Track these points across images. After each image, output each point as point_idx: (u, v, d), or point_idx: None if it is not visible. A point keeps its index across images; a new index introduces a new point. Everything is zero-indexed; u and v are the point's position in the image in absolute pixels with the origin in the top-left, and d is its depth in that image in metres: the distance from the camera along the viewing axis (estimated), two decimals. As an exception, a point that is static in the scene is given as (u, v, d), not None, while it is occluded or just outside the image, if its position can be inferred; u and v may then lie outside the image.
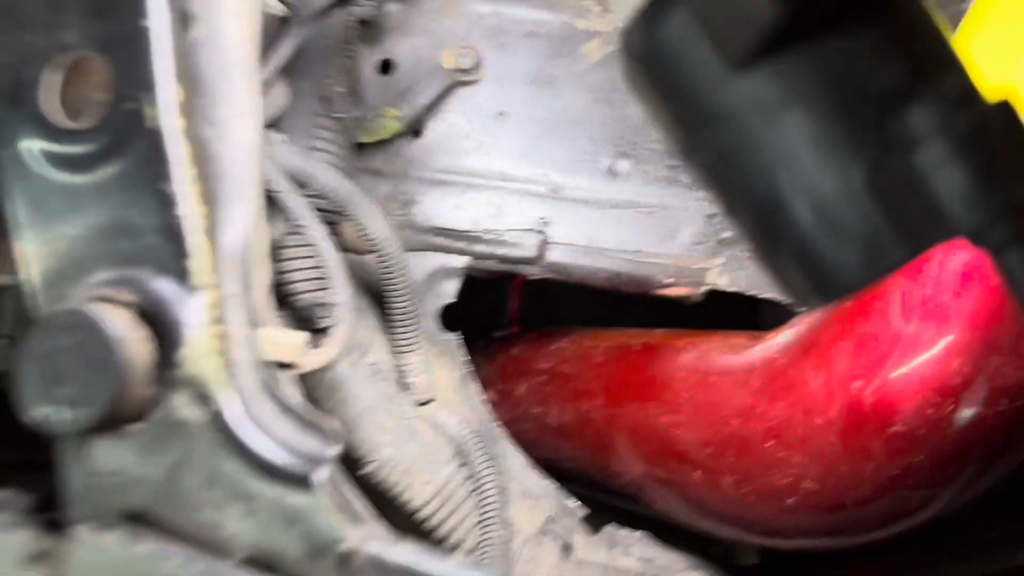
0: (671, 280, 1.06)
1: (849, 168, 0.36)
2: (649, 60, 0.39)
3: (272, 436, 0.55)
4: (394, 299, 0.99)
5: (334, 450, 0.55)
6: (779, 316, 0.93)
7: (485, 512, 0.95)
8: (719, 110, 0.37)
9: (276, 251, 0.95)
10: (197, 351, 0.57)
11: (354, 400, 0.97)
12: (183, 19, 0.60)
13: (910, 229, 0.35)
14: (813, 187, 0.36)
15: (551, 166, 1.07)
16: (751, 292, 1.05)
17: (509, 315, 1.34)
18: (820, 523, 0.83)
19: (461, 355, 1.07)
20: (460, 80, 1.07)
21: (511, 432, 1.16)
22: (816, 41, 0.36)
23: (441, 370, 1.06)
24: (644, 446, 0.97)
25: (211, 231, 0.58)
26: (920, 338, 0.73)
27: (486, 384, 1.24)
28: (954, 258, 0.72)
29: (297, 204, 0.85)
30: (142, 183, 0.58)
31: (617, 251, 1.06)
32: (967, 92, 0.35)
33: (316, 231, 0.85)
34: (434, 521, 0.97)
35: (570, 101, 1.08)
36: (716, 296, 1.06)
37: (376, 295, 1.06)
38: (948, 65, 0.36)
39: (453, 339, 1.07)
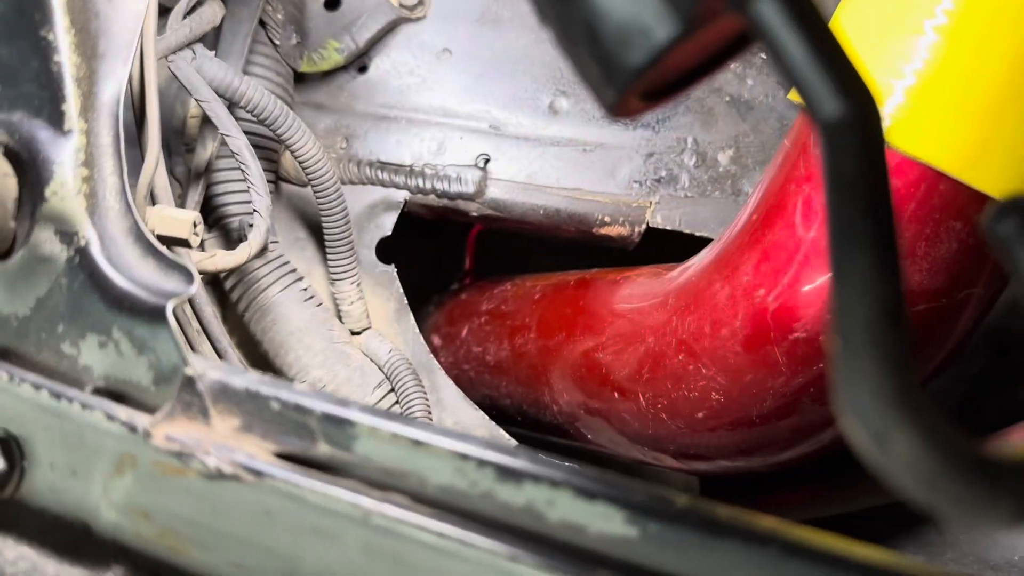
0: (608, 218, 1.07)
1: None
2: None
3: (130, 273, 0.56)
4: (328, 225, 1.00)
5: (189, 288, 0.56)
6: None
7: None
8: None
9: (207, 170, 0.96)
10: (64, 189, 0.58)
11: (285, 322, 0.98)
12: None
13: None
14: None
15: (493, 103, 1.08)
16: (687, 230, 1.06)
17: (463, 269, 1.35)
18: (730, 440, 0.83)
19: (398, 287, 1.08)
20: (405, 16, 1.08)
21: (453, 374, 1.17)
22: None
23: (377, 301, 1.07)
24: (571, 375, 0.97)
25: (90, 81, 0.59)
26: (820, 244, 0.73)
27: (433, 330, 1.24)
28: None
29: (220, 114, 0.86)
30: (23, 30, 0.59)
31: (556, 188, 1.07)
32: None
33: (239, 140, 0.86)
34: (359, 443, 0.98)
35: (513, 40, 1.09)
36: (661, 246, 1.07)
37: (315, 228, 1.07)
38: None
39: (390, 271, 1.08)
